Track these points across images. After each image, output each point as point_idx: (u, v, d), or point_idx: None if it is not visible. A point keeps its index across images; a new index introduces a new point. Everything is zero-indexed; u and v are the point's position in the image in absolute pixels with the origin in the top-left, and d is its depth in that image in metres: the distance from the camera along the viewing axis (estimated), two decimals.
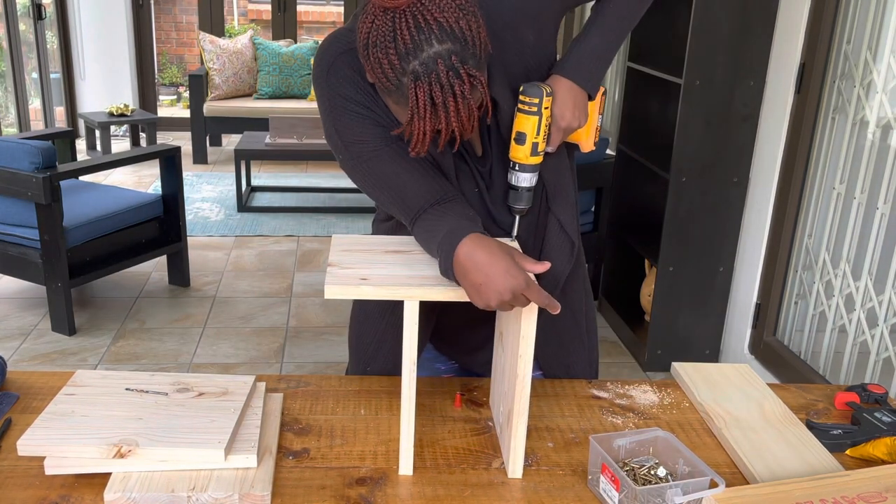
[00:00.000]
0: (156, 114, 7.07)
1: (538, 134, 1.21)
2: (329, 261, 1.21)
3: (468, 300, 1.13)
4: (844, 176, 2.59)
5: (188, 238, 4.15)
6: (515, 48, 1.27)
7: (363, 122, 1.23)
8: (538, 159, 1.24)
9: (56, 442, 1.13)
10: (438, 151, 1.21)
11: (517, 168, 1.24)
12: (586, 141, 1.32)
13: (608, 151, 3.76)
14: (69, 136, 4.32)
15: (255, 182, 5.85)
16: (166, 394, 1.25)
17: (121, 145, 6.57)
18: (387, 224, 1.47)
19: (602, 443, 1.15)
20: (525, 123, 1.21)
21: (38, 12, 6.21)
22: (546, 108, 1.20)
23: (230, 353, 3.27)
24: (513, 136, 1.23)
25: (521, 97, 1.20)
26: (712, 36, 2.82)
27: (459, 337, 1.54)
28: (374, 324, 1.53)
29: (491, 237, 1.17)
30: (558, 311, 1.12)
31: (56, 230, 3.17)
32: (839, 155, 2.61)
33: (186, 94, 7.91)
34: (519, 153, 1.23)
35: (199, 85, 6.16)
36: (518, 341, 1.14)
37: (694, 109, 2.90)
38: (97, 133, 6.04)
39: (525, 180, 1.25)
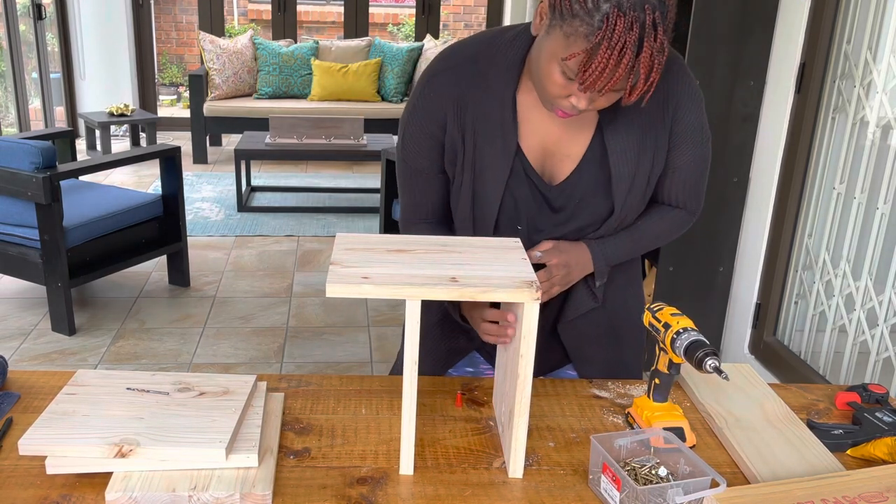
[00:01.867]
0: (156, 114, 7.07)
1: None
2: (332, 259, 1.21)
3: (469, 299, 1.14)
4: (844, 176, 2.59)
5: (188, 238, 4.15)
6: (653, 126, 1.33)
7: (426, 143, 1.36)
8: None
9: (57, 441, 1.13)
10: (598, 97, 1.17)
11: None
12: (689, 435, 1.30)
13: None
14: (69, 136, 4.32)
15: (255, 182, 5.85)
16: (167, 393, 1.24)
17: (121, 145, 6.57)
18: None
19: (603, 442, 1.15)
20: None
21: (38, 12, 6.21)
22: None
23: (230, 353, 3.27)
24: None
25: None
26: (712, 36, 2.83)
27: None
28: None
29: None
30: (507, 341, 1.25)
31: (56, 230, 3.17)
32: (839, 155, 2.62)
33: (186, 94, 7.91)
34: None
35: (199, 85, 6.16)
36: (518, 341, 1.14)
37: None
38: (97, 133, 6.04)
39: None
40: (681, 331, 1.22)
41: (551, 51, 1.14)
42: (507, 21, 7.23)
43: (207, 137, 6.42)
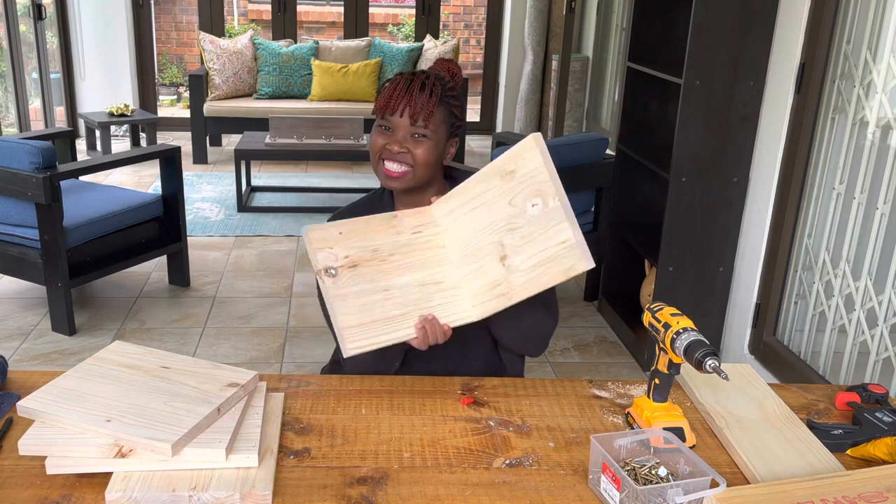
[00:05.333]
0: (156, 114, 7.06)
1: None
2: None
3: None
4: (844, 176, 2.59)
5: (188, 238, 4.15)
6: None
7: None
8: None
9: (57, 442, 1.13)
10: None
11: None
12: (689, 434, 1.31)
13: (608, 151, 3.76)
14: (69, 136, 4.32)
15: (255, 182, 5.85)
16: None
17: (121, 145, 6.57)
18: None
19: (603, 442, 1.15)
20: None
21: (38, 12, 6.21)
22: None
23: (230, 353, 3.27)
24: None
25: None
26: (712, 36, 2.83)
27: None
28: None
29: None
30: None
31: (56, 230, 3.17)
32: (839, 155, 2.62)
33: (186, 94, 7.91)
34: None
35: (199, 85, 6.16)
36: None
37: (694, 109, 2.90)
38: (97, 133, 6.04)
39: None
40: (681, 331, 1.22)
41: (373, 128, 1.56)
42: (507, 21, 7.23)
43: (207, 137, 6.41)
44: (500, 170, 1.38)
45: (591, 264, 1.28)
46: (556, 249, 1.31)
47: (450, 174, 1.66)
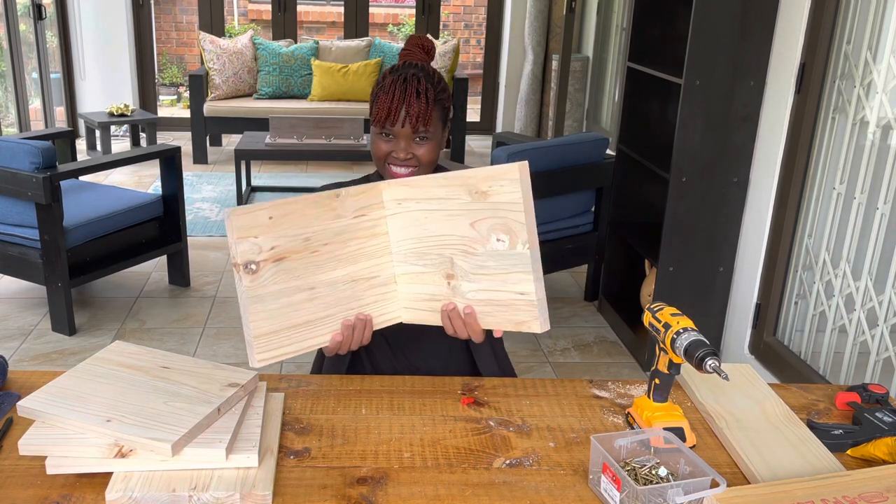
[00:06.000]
0: (156, 114, 7.06)
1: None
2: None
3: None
4: (844, 176, 2.59)
5: (188, 238, 4.15)
6: None
7: None
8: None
9: (57, 442, 1.13)
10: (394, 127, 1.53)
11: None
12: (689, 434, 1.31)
13: (608, 151, 3.76)
14: (69, 136, 4.32)
15: (255, 182, 5.85)
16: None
17: (121, 145, 6.57)
18: None
19: (603, 442, 1.15)
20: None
21: (38, 12, 6.21)
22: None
23: (230, 353, 3.27)
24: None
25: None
26: (712, 36, 2.83)
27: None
28: None
29: None
30: None
31: (56, 230, 3.17)
32: (839, 155, 2.62)
33: (186, 94, 7.91)
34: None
35: (199, 85, 6.16)
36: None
37: (694, 109, 2.90)
38: (97, 133, 6.04)
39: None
40: (681, 331, 1.22)
41: (372, 132, 1.57)
42: (507, 21, 7.23)
43: (207, 137, 6.41)
44: (471, 185, 1.25)
45: (545, 327, 1.22)
46: (512, 297, 1.24)
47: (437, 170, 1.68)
